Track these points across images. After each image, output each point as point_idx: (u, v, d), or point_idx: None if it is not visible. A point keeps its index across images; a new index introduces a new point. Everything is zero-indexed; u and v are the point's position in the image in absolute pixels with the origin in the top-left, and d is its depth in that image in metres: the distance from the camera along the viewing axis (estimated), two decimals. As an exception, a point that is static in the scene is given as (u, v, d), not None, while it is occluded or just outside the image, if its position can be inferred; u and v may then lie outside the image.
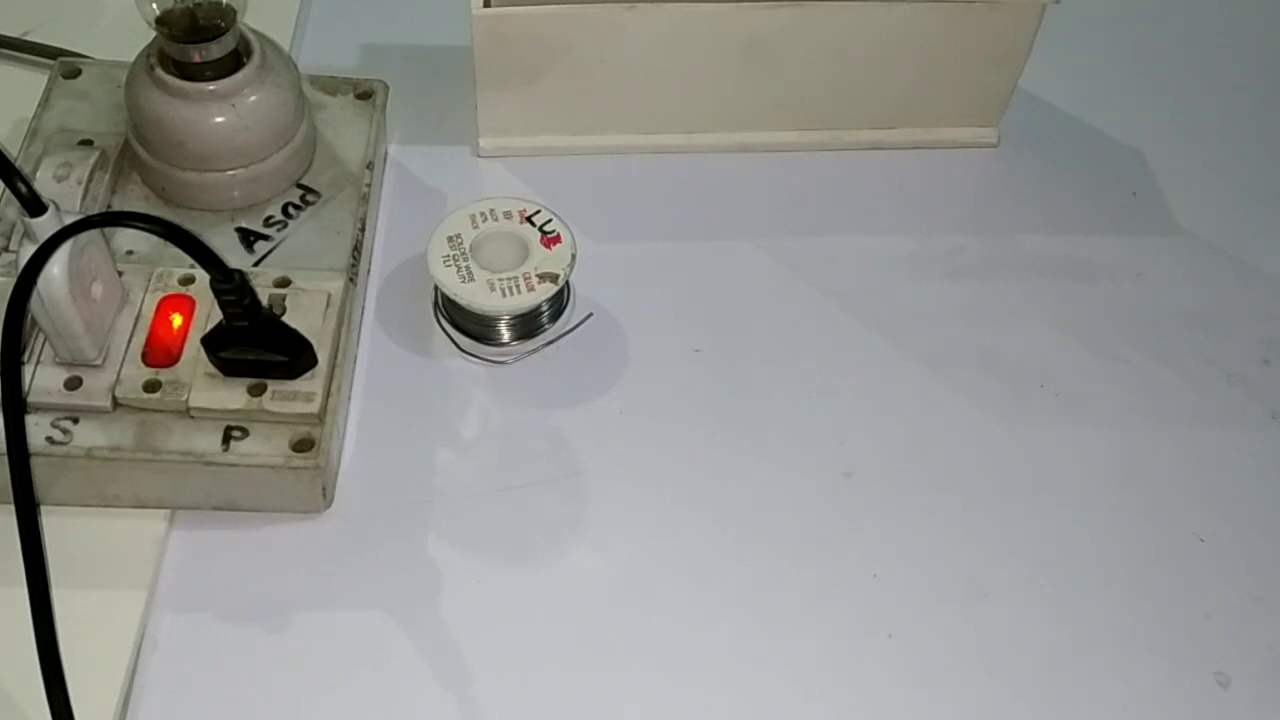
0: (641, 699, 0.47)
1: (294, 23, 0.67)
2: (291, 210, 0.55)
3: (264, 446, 0.48)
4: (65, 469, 0.48)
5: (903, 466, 0.54)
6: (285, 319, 0.50)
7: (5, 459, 0.46)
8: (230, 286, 0.45)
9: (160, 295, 0.50)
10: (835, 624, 0.49)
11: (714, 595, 0.50)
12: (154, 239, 0.47)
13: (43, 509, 0.48)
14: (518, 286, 0.53)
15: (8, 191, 0.45)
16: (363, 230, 0.55)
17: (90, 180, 0.52)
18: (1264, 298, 0.61)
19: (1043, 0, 0.59)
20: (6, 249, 0.52)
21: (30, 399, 0.47)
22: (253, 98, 0.52)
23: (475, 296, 0.53)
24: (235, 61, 0.52)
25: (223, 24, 0.51)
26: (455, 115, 0.63)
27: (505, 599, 0.49)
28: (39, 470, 0.47)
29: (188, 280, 0.51)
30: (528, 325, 0.55)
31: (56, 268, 0.44)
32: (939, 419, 0.55)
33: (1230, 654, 0.49)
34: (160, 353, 0.49)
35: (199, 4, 0.51)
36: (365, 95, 0.60)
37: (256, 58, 0.52)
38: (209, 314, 0.49)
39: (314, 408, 0.48)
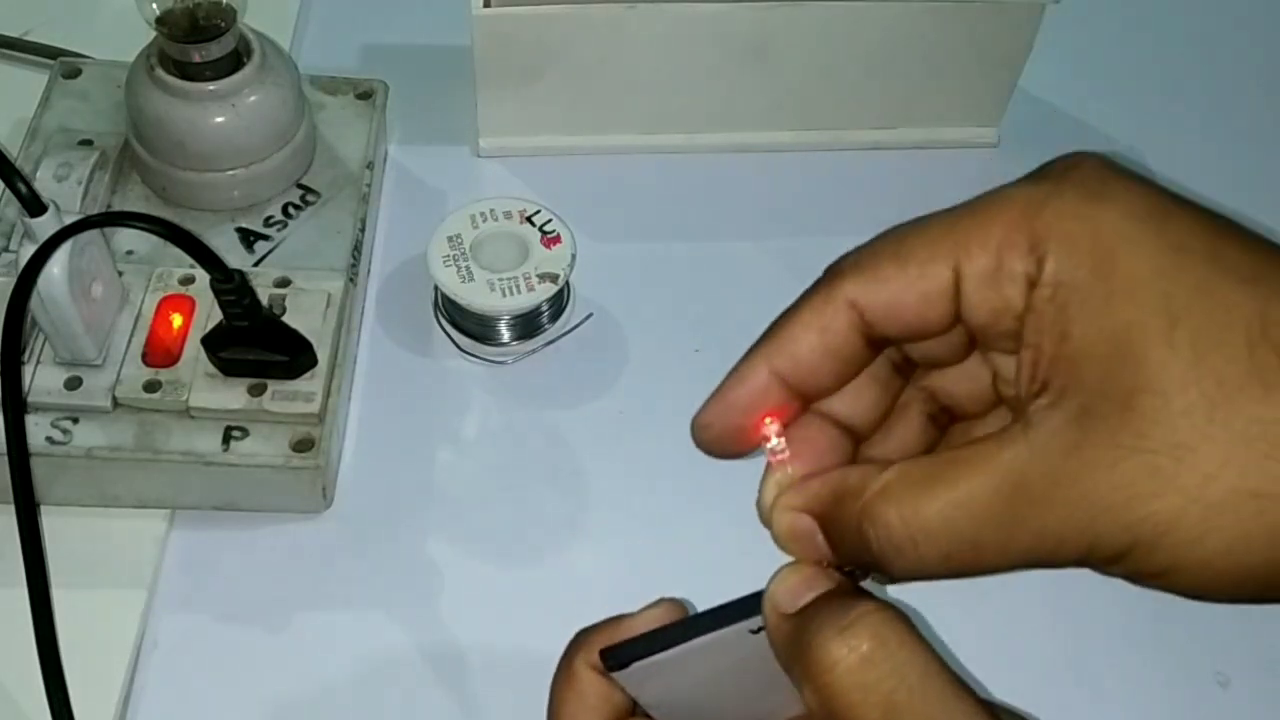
0: (641, 699, 0.47)
1: (294, 23, 0.67)
2: (291, 210, 0.55)
3: (264, 446, 0.48)
4: (65, 469, 0.48)
5: (903, 466, 0.53)
6: (285, 319, 0.49)
7: (5, 459, 0.46)
8: (230, 286, 0.45)
9: (160, 295, 0.50)
10: (835, 624, 0.49)
11: (714, 596, 0.49)
12: (154, 239, 0.47)
13: (43, 509, 0.48)
14: (518, 286, 0.53)
15: (8, 191, 0.45)
16: (363, 230, 0.55)
17: (90, 180, 0.52)
18: (1264, 298, 0.61)
19: (1042, 0, 0.59)
20: (6, 249, 0.52)
21: (30, 399, 0.47)
22: (253, 98, 0.52)
23: (475, 296, 0.52)
24: (235, 61, 0.52)
25: (223, 24, 0.51)
26: (455, 115, 0.63)
27: (505, 599, 0.49)
28: (39, 470, 0.47)
29: (188, 280, 0.51)
30: (528, 325, 0.55)
31: (56, 268, 0.44)
32: (939, 419, 0.55)
33: (1230, 654, 0.49)
34: (160, 353, 0.49)
35: (199, 4, 0.51)
36: (365, 95, 0.60)
37: (256, 58, 0.52)
38: (209, 314, 0.49)
39: (314, 408, 0.48)
